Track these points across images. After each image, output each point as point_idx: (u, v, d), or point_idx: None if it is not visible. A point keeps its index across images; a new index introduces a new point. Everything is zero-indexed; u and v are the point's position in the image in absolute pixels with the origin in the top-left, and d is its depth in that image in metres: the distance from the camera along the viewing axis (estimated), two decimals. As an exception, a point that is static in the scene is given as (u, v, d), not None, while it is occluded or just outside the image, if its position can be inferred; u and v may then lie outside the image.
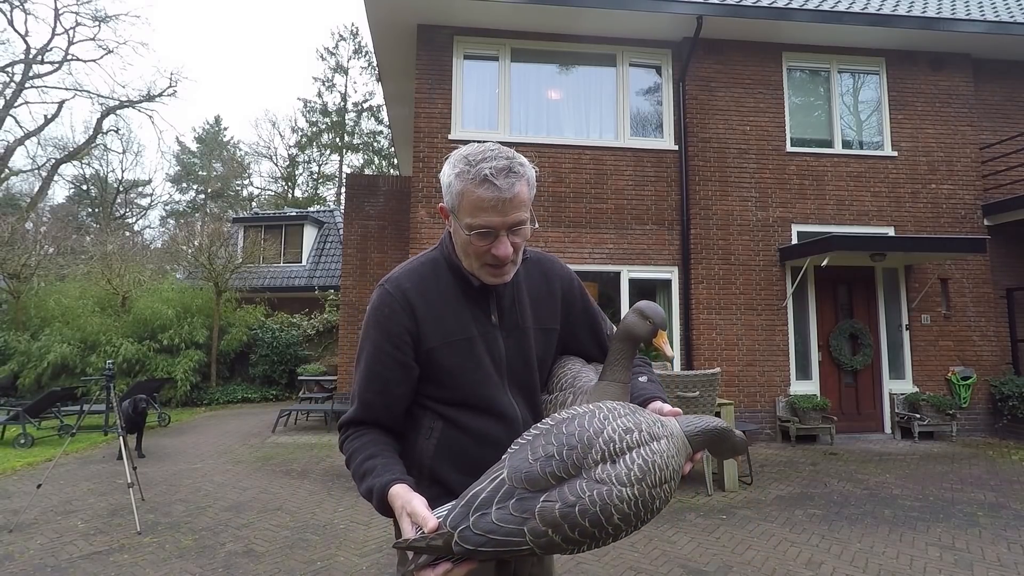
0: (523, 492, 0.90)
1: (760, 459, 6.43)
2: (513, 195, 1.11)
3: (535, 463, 0.92)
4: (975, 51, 8.52)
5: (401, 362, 1.17)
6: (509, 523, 0.88)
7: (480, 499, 0.91)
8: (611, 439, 0.93)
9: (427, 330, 1.17)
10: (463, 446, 1.17)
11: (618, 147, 7.91)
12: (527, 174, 1.16)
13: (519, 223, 1.14)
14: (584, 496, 0.88)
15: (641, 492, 0.89)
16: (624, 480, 0.89)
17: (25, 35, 26.43)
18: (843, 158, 8.20)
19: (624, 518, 0.89)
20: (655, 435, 0.96)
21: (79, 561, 3.61)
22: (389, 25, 7.75)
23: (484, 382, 1.19)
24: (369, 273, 10.07)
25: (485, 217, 1.11)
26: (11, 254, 12.52)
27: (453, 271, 1.23)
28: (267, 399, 12.69)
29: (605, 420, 0.95)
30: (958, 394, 7.74)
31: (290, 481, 5.64)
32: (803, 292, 7.94)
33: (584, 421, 0.96)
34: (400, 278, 1.22)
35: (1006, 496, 4.96)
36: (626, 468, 0.90)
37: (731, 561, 3.59)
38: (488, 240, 1.14)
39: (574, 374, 1.27)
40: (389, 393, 1.18)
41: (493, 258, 1.15)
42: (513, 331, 1.24)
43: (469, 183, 1.11)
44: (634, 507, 0.89)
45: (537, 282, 1.32)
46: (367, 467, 1.10)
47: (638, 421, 0.96)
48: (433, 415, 1.21)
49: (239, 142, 37.17)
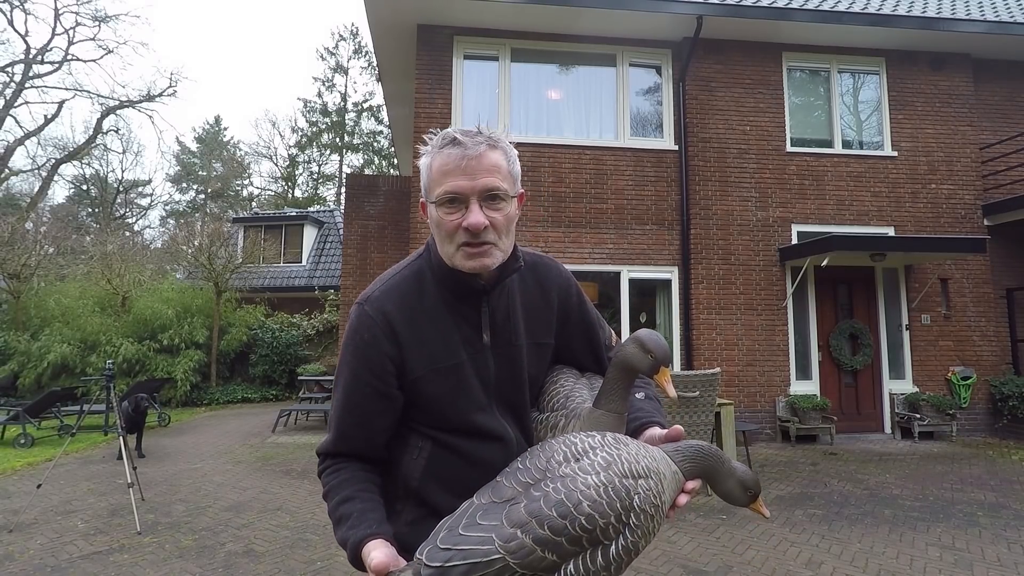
0: (490, 505, 0.89)
1: (760, 459, 6.44)
2: (479, 153, 1.03)
3: (501, 478, 0.93)
4: (975, 51, 8.51)
5: (383, 393, 1.07)
6: (477, 532, 0.85)
7: (449, 523, 0.90)
8: (573, 443, 0.92)
9: (412, 357, 1.08)
10: (453, 467, 1.10)
11: (618, 147, 7.91)
12: (502, 145, 1.08)
13: (491, 189, 1.03)
14: (548, 488, 0.86)
15: (609, 479, 0.86)
16: (588, 470, 0.88)
17: (25, 35, 26.32)
18: (843, 158, 8.20)
19: (595, 507, 0.84)
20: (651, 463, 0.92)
21: (79, 561, 3.61)
22: (389, 25, 7.75)
23: (470, 408, 1.11)
24: (369, 273, 10.07)
25: (451, 181, 1.03)
26: (11, 254, 12.51)
27: (439, 280, 1.12)
28: (267, 399, 12.69)
29: (569, 436, 0.95)
30: (958, 394, 7.74)
31: (290, 481, 5.64)
32: (803, 292, 7.94)
33: (547, 443, 0.96)
34: (381, 298, 1.10)
35: (1006, 496, 4.97)
36: (589, 461, 0.89)
37: (731, 561, 3.59)
38: (458, 210, 1.03)
39: (567, 392, 1.20)
40: (369, 425, 1.09)
41: (466, 233, 1.03)
42: (505, 349, 1.15)
43: (436, 152, 1.07)
44: (604, 495, 0.85)
45: (532, 291, 1.22)
46: (342, 512, 1.03)
47: (608, 439, 0.93)
48: (420, 435, 1.12)
49: (239, 142, 37.22)
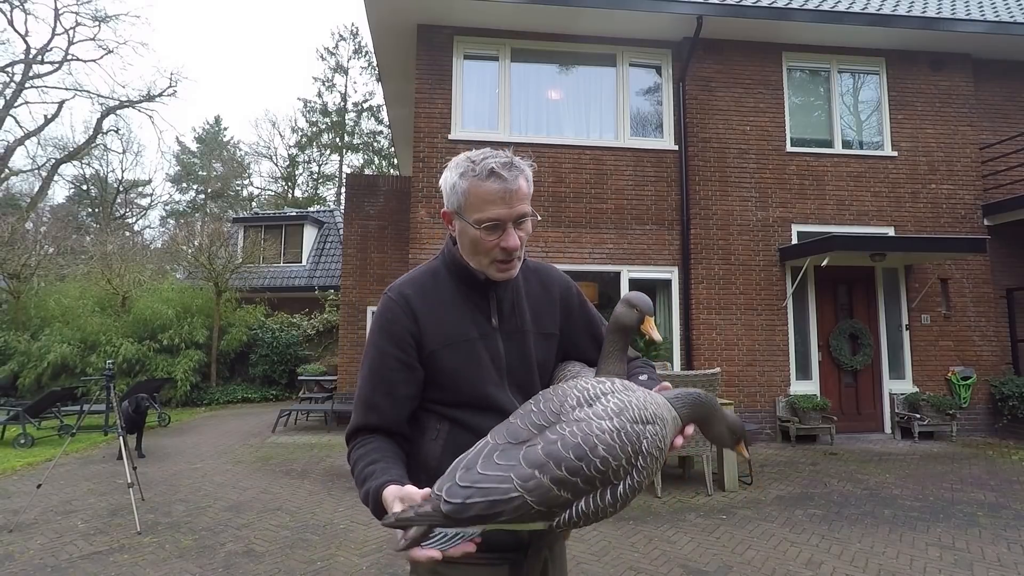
0: (506, 446, 0.93)
1: (760, 459, 6.44)
2: (518, 187, 1.19)
3: (515, 420, 0.97)
4: (975, 51, 8.51)
5: (406, 363, 1.20)
6: (495, 471, 0.88)
7: (466, 461, 0.93)
8: (585, 388, 0.98)
9: (429, 332, 1.21)
10: (470, 444, 1.16)
11: (618, 147, 7.91)
12: (526, 170, 1.24)
13: (524, 215, 1.20)
14: (565, 432, 0.91)
15: (621, 424, 0.91)
16: (602, 414, 0.93)
17: (25, 35, 26.29)
18: (843, 158, 8.20)
19: (609, 450, 0.89)
20: (633, 392, 1.00)
21: (79, 561, 3.61)
22: (389, 25, 7.75)
23: (484, 381, 1.21)
24: (369, 273, 10.07)
25: (494, 210, 1.17)
26: (11, 254, 12.52)
27: (455, 276, 1.27)
28: (267, 399, 12.69)
29: (579, 381, 1.02)
30: (958, 394, 7.74)
31: (290, 481, 5.64)
32: (803, 292, 7.94)
33: (558, 386, 1.02)
34: (401, 285, 1.27)
35: (1006, 496, 4.97)
36: (602, 406, 0.94)
37: (731, 561, 3.59)
38: (497, 234, 1.19)
39: (573, 375, 1.29)
40: (395, 395, 1.20)
41: (502, 252, 1.20)
42: (513, 334, 1.28)
43: (475, 179, 1.18)
44: (617, 439, 0.90)
45: (536, 289, 1.35)
46: (367, 472, 1.11)
47: (615, 384, 1.00)
48: (438, 417, 1.23)
49: (239, 142, 37.24)
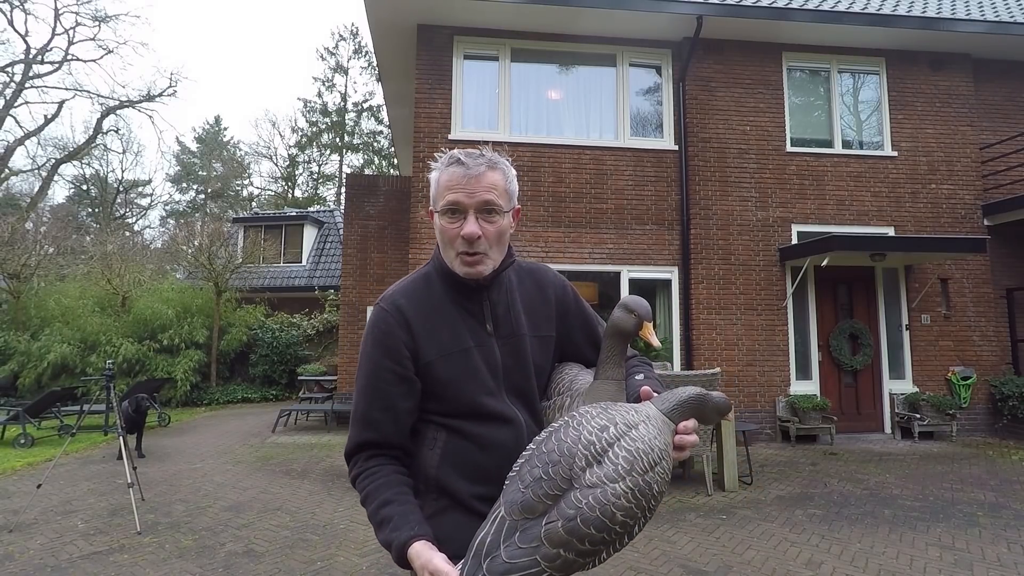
0: (524, 522, 0.90)
1: (760, 459, 6.44)
2: (479, 173, 1.17)
3: (527, 490, 0.93)
4: (975, 51, 8.51)
5: (402, 376, 1.17)
6: (521, 557, 0.88)
7: (487, 544, 0.91)
8: (590, 442, 0.93)
9: (424, 344, 1.19)
10: (468, 453, 1.18)
11: (618, 147, 7.91)
12: (502, 167, 1.22)
13: (487, 203, 1.17)
14: (582, 504, 0.88)
15: (635, 482, 0.89)
16: (614, 476, 0.89)
17: (25, 35, 26.32)
18: (843, 158, 8.20)
19: (627, 512, 0.88)
20: (631, 423, 0.96)
21: (79, 561, 3.61)
22: (389, 25, 7.75)
23: (481, 391, 1.19)
24: (369, 273, 10.07)
25: (452, 195, 1.17)
26: (11, 254, 12.51)
27: (445, 281, 1.25)
28: (267, 399, 12.69)
29: (580, 426, 0.96)
30: (958, 394, 7.74)
31: (290, 481, 5.64)
32: (803, 292, 7.94)
33: (560, 434, 0.97)
34: (394, 295, 1.24)
35: (1006, 496, 4.97)
36: (612, 464, 0.90)
37: (731, 561, 3.59)
38: (457, 220, 1.18)
39: (571, 378, 1.28)
40: (394, 409, 1.17)
41: (463, 242, 1.17)
42: (509, 339, 1.25)
43: (443, 169, 1.21)
44: (633, 498, 0.89)
45: (531, 291, 1.33)
46: (384, 515, 1.09)
47: (611, 416, 0.97)
48: (435, 426, 1.21)
49: (239, 142, 37.26)
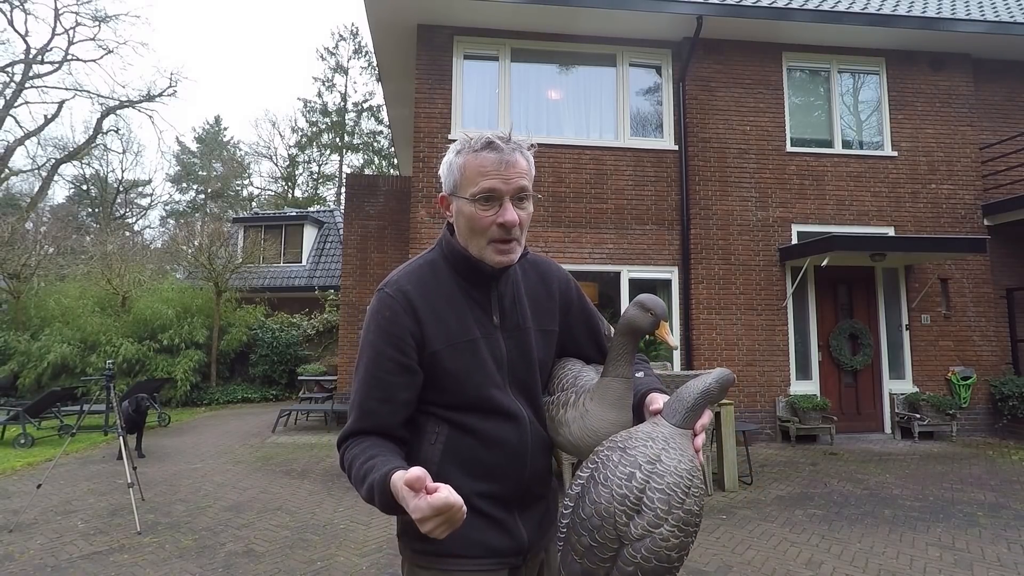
0: None
1: (760, 459, 6.44)
2: (515, 159, 1.14)
3: (584, 560, 0.95)
4: (975, 51, 8.51)
5: (405, 366, 1.12)
6: None
7: None
8: (623, 496, 0.94)
9: (431, 332, 1.13)
10: (471, 448, 1.15)
11: (618, 147, 7.91)
12: (527, 152, 1.20)
13: (522, 190, 1.15)
14: (637, 558, 0.91)
15: (677, 518, 0.92)
16: (656, 521, 0.92)
17: (25, 35, 26.32)
18: (843, 158, 8.20)
19: (679, 546, 0.92)
20: (652, 457, 0.96)
21: (79, 561, 3.61)
22: (389, 25, 7.75)
23: (487, 383, 1.16)
24: (369, 273, 10.07)
25: (488, 181, 1.12)
26: (11, 254, 12.52)
27: (454, 269, 1.20)
28: (267, 399, 12.69)
29: (607, 480, 0.96)
30: (958, 394, 7.74)
31: (290, 481, 5.64)
32: (803, 292, 7.94)
33: (592, 495, 0.97)
34: (400, 280, 1.17)
35: (1006, 496, 4.97)
36: (651, 511, 0.92)
37: (731, 561, 3.59)
38: (493, 207, 1.13)
39: (575, 374, 1.26)
40: (393, 400, 1.12)
41: (499, 229, 1.13)
42: (514, 332, 1.22)
43: (471, 153, 1.15)
44: (680, 532, 0.92)
45: (535, 284, 1.29)
46: (366, 468, 1.03)
47: (632, 458, 0.96)
48: (437, 420, 1.16)
49: (239, 142, 37.25)
